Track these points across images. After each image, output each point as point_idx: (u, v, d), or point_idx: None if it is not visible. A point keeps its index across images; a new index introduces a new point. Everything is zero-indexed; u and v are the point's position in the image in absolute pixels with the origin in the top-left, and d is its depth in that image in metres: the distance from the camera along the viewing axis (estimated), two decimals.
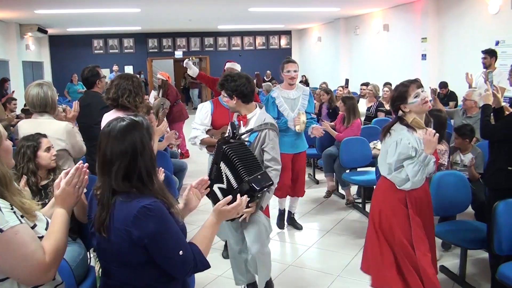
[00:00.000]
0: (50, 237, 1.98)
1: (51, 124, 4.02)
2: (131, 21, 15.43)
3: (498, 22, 9.97)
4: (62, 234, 2.02)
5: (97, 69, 5.06)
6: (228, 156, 3.30)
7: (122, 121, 2.11)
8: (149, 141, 2.14)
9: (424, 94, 3.45)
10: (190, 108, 22.55)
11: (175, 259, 2.06)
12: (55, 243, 1.96)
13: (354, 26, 16.13)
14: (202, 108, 4.74)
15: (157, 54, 20.42)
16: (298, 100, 5.41)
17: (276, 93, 5.43)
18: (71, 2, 11.02)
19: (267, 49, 21.45)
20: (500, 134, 3.91)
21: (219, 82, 3.77)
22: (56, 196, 2.12)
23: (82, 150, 4.24)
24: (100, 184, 2.11)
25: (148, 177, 2.08)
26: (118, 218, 2.01)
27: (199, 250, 2.18)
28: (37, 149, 3.47)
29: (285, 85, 5.47)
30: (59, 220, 2.06)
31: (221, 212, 2.33)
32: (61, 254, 2.00)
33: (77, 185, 2.14)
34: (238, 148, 3.39)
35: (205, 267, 2.19)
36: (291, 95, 5.40)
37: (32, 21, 14.57)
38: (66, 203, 2.12)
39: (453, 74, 11.07)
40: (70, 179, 2.12)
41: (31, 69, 16.23)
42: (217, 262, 4.77)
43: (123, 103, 3.85)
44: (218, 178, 3.38)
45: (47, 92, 4.04)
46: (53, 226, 2.03)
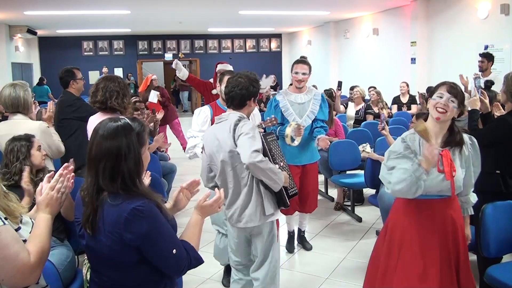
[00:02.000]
0: (34, 240, 1.97)
1: (24, 123, 4.04)
2: (121, 23, 15.39)
3: (487, 26, 10.06)
4: (45, 238, 2.01)
5: (74, 70, 5.02)
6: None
7: (114, 122, 2.11)
8: (137, 147, 2.12)
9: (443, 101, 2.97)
10: (180, 111, 22.52)
11: (170, 257, 2.07)
12: (40, 245, 1.95)
13: (344, 30, 16.19)
14: (200, 113, 4.34)
15: (147, 56, 20.36)
16: (307, 105, 4.86)
17: (281, 96, 4.92)
18: (60, 3, 10.98)
19: (258, 52, 21.48)
20: (487, 138, 3.92)
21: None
22: (39, 202, 2.11)
23: (59, 150, 4.25)
24: (86, 183, 2.10)
25: (132, 180, 2.07)
26: (108, 221, 2.00)
27: (191, 246, 2.20)
28: (30, 148, 3.48)
29: (293, 88, 4.95)
30: (42, 225, 2.05)
31: (204, 207, 2.36)
32: (45, 256, 1.99)
33: (61, 190, 2.14)
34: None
35: (199, 262, 2.22)
36: (299, 99, 4.86)
37: (22, 23, 14.50)
38: (49, 208, 2.11)
39: (442, 78, 10.87)
40: (53, 184, 2.12)
41: (20, 71, 16.12)
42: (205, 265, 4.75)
43: (112, 105, 3.86)
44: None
45: (19, 92, 4.09)
46: (37, 230, 2.03)
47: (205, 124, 4.23)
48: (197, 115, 4.32)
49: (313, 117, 4.87)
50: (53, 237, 3.07)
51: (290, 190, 3.38)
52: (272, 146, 3.35)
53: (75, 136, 4.66)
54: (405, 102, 10.22)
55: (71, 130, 4.70)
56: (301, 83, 4.82)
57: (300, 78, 4.78)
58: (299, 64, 4.84)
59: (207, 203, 2.36)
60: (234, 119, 3.20)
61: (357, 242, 5.41)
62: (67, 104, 4.80)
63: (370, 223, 5.97)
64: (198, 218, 2.35)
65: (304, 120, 4.80)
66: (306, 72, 4.80)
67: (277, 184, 3.16)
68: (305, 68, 4.80)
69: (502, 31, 9.64)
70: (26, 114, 4.13)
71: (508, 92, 3.91)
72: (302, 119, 4.80)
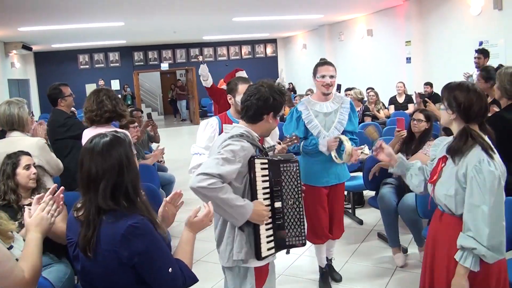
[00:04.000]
0: (27, 258, 1.98)
1: (21, 140, 4.01)
2: (116, 35, 15.41)
3: (481, 23, 10.07)
4: (36, 257, 2.01)
5: (61, 87, 4.97)
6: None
7: (105, 137, 2.09)
8: (133, 155, 2.13)
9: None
10: (178, 120, 22.54)
11: (165, 276, 2.04)
12: (31, 264, 1.95)
13: (339, 32, 16.21)
14: (206, 126, 3.69)
15: (143, 67, 20.38)
16: (334, 115, 4.11)
17: (303, 105, 4.16)
18: (54, 18, 11.00)
19: (253, 58, 21.50)
20: None
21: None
22: (29, 223, 2.10)
23: (58, 166, 4.22)
24: (82, 203, 2.08)
25: (135, 192, 2.07)
26: (104, 239, 1.97)
27: (185, 265, 2.17)
28: (16, 166, 3.45)
29: (318, 95, 4.19)
30: (32, 244, 2.05)
31: (194, 223, 2.31)
32: (38, 274, 1.99)
33: (51, 211, 2.12)
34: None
35: (193, 281, 2.18)
36: (325, 108, 4.11)
37: (17, 39, 14.51)
38: (39, 228, 2.10)
39: (437, 76, 11.16)
40: (43, 206, 2.11)
41: (17, 87, 16.12)
42: (206, 274, 4.74)
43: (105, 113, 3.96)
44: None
45: (13, 110, 4.07)
46: (27, 250, 2.02)
47: (212, 139, 3.47)
48: (203, 129, 3.70)
49: (342, 129, 4.11)
50: (50, 255, 3.08)
51: (288, 238, 2.79)
52: (286, 177, 2.77)
53: (72, 155, 4.61)
54: (401, 102, 10.22)
55: (66, 149, 4.67)
56: (329, 88, 4.07)
57: (328, 82, 4.02)
58: (324, 66, 4.11)
59: (197, 219, 2.31)
60: (234, 133, 2.75)
61: (359, 245, 5.38)
62: (59, 124, 4.76)
63: (371, 226, 5.94)
64: (190, 235, 2.31)
65: (331, 133, 4.07)
66: (334, 75, 4.08)
67: (234, 219, 2.59)
68: (331, 70, 4.07)
69: (496, 26, 9.65)
70: (22, 131, 4.12)
71: (502, 88, 3.89)
72: (329, 132, 4.07)
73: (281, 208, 2.75)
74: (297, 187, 2.82)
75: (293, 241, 2.79)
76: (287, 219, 2.78)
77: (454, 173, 2.56)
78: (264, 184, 2.70)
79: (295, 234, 2.80)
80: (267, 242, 2.68)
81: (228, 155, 2.56)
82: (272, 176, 2.73)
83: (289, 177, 2.79)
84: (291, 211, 2.79)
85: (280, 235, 2.75)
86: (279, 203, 2.74)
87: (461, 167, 2.52)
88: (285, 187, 2.77)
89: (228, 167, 2.53)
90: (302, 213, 2.84)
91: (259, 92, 2.76)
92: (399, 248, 4.81)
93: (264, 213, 2.63)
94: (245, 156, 2.62)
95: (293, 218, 2.80)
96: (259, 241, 2.65)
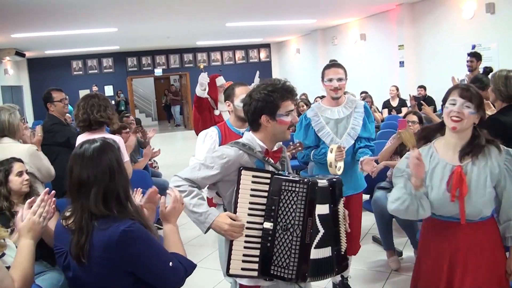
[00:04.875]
0: (18, 267, 1.96)
1: (12, 147, 3.99)
2: (109, 41, 15.39)
3: (473, 26, 10.13)
4: (28, 264, 1.99)
5: (52, 92, 4.95)
6: (322, 189, 2.50)
7: (95, 143, 2.10)
8: (123, 160, 2.14)
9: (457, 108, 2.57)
10: (172, 125, 22.53)
11: (167, 272, 2.05)
12: (23, 273, 1.94)
13: (332, 37, 16.25)
14: (205, 137, 3.48)
15: (137, 72, 20.33)
16: (347, 121, 3.84)
17: (313, 111, 3.92)
18: (47, 24, 10.98)
19: (247, 63, 21.48)
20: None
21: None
22: (21, 228, 2.09)
23: (50, 173, 4.18)
24: (71, 211, 2.06)
25: (126, 197, 2.08)
26: (98, 246, 1.96)
27: (181, 255, 2.19)
28: (8, 173, 3.43)
29: (328, 100, 3.93)
30: (25, 251, 2.03)
31: (168, 214, 2.32)
32: (29, 282, 1.97)
33: (42, 215, 2.11)
34: None
35: (193, 267, 2.21)
36: (337, 114, 3.85)
37: (9, 45, 14.45)
38: (31, 234, 2.09)
39: (430, 79, 11.22)
40: (35, 209, 2.09)
41: (10, 94, 16.06)
42: (202, 280, 4.73)
43: (96, 118, 3.93)
44: (312, 233, 2.47)
45: (3, 116, 4.05)
46: (20, 257, 2.01)
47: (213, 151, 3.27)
48: (202, 141, 3.48)
49: (356, 135, 3.84)
50: (44, 262, 3.06)
51: (274, 266, 2.47)
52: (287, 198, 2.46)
53: (58, 161, 4.52)
54: (395, 105, 10.26)
55: (52, 156, 4.56)
56: (338, 92, 3.80)
57: (336, 85, 3.76)
58: (331, 68, 3.84)
59: (168, 208, 2.32)
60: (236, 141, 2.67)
61: None
62: (46, 129, 4.72)
63: (366, 229, 5.93)
64: (170, 226, 2.33)
65: (344, 140, 3.80)
66: (343, 78, 3.80)
67: (200, 225, 2.52)
68: (340, 72, 3.80)
69: (489, 30, 9.70)
70: (13, 138, 4.09)
71: (496, 91, 3.91)
72: (341, 139, 3.81)
73: (270, 230, 2.45)
74: (298, 214, 2.43)
75: (278, 271, 2.45)
76: (277, 244, 2.46)
77: (484, 177, 2.57)
78: (254, 199, 2.48)
79: (282, 264, 2.44)
80: (243, 261, 2.47)
81: (207, 161, 2.56)
82: (271, 193, 2.47)
83: (291, 199, 2.45)
84: (284, 237, 2.45)
85: (266, 259, 2.47)
86: (269, 224, 2.46)
87: (493, 166, 2.57)
88: (282, 208, 2.45)
89: (202, 173, 2.54)
90: (300, 246, 2.43)
91: (249, 96, 2.62)
92: (393, 251, 4.82)
93: (225, 227, 2.43)
94: (224, 164, 2.52)
95: (285, 246, 2.44)
96: (230, 255, 2.48)
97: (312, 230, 2.45)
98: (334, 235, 2.55)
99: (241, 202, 2.48)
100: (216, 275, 4.68)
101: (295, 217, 2.43)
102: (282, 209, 2.45)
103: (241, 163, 2.54)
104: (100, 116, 3.99)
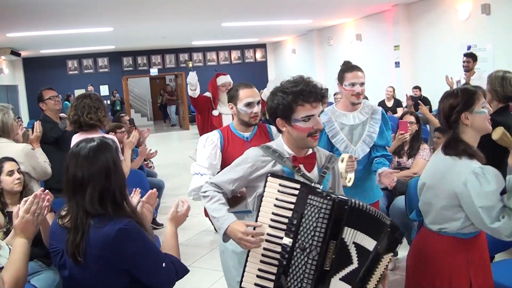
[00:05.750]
0: (10, 268, 1.95)
1: (7, 146, 3.97)
2: (105, 40, 15.36)
3: (469, 27, 10.16)
4: (21, 264, 1.98)
5: (43, 91, 4.94)
6: (358, 212, 2.17)
7: (92, 142, 2.10)
8: (119, 160, 2.14)
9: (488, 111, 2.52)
10: (168, 125, 22.49)
11: (160, 272, 2.07)
12: (15, 273, 1.93)
13: (327, 37, 16.27)
14: (206, 141, 3.20)
15: (133, 72, 20.32)
16: (363, 127, 3.56)
17: (326, 116, 3.57)
18: (43, 24, 10.94)
19: (243, 63, 21.50)
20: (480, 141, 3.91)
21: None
22: (15, 226, 2.08)
23: (45, 172, 4.17)
24: (67, 210, 2.06)
25: (121, 196, 2.08)
26: (94, 244, 1.97)
27: (175, 258, 2.21)
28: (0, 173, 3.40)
29: (344, 104, 3.63)
30: (19, 250, 2.02)
31: (177, 218, 2.40)
32: (21, 284, 1.96)
33: (36, 212, 2.10)
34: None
35: (185, 272, 2.23)
36: (352, 119, 3.56)
37: (5, 44, 14.39)
38: (25, 232, 2.08)
39: (426, 80, 11.26)
40: (28, 206, 2.08)
41: (5, 93, 16.01)
42: (198, 279, 4.73)
43: (85, 121, 3.92)
44: (341, 261, 2.17)
45: None
46: (13, 256, 2.00)
47: (215, 157, 3.12)
48: (203, 146, 3.20)
49: (372, 143, 3.56)
50: (39, 261, 3.05)
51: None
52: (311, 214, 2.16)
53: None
54: (390, 106, 10.29)
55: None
56: (360, 98, 3.54)
57: (359, 91, 3.51)
58: (353, 71, 3.59)
59: (179, 214, 2.40)
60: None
61: None
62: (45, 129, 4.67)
63: None
64: (174, 230, 2.38)
65: (359, 148, 3.53)
66: (364, 82, 3.59)
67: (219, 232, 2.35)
68: (362, 76, 3.59)
69: (484, 31, 9.73)
70: (8, 137, 4.07)
71: (492, 91, 3.94)
72: (356, 146, 3.54)
73: (288, 247, 2.17)
74: (318, 234, 2.13)
75: None
76: (292, 264, 2.17)
77: None
78: (278, 210, 2.21)
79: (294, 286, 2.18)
80: (258, 276, 2.23)
81: (233, 164, 2.48)
82: (296, 206, 2.19)
83: (313, 216, 2.15)
84: (300, 257, 2.16)
85: (280, 277, 2.20)
86: (288, 240, 2.18)
87: None
88: (304, 223, 2.16)
89: (225, 176, 2.46)
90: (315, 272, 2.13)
91: (270, 95, 2.46)
92: None
93: (238, 234, 2.21)
94: (248, 169, 2.40)
95: (300, 268, 2.16)
96: (245, 266, 2.27)
97: (340, 257, 2.15)
98: (366, 276, 2.23)
99: (264, 211, 2.25)
100: (211, 275, 4.68)
101: (314, 236, 2.13)
102: (303, 225, 2.16)
103: (267, 168, 2.38)
104: (90, 118, 3.96)
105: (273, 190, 2.23)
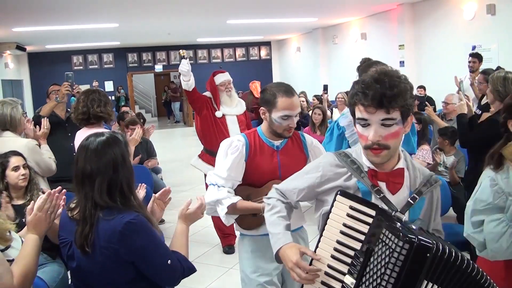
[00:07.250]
0: (20, 262, 1.98)
1: (12, 141, 3.99)
2: (110, 36, 15.39)
3: (474, 27, 10.14)
4: (32, 259, 2.01)
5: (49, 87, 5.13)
6: (445, 263, 1.59)
7: (101, 136, 2.13)
8: (128, 155, 2.17)
9: None
10: (172, 122, 22.51)
11: (165, 269, 2.08)
12: (24, 268, 1.95)
13: (332, 36, 16.26)
14: (229, 147, 2.73)
15: (137, 68, 20.34)
16: None
17: (347, 119, 3.36)
18: (48, 19, 10.98)
19: (248, 61, 21.49)
20: (481, 140, 3.91)
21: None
22: (28, 222, 2.11)
23: (50, 168, 4.18)
24: (76, 202, 2.09)
25: (129, 189, 2.11)
26: (102, 236, 2.00)
27: (182, 256, 2.22)
28: (4, 168, 3.41)
29: None
30: (29, 246, 2.05)
31: (188, 216, 2.37)
32: (30, 278, 1.99)
33: (49, 210, 2.13)
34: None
35: (191, 271, 2.23)
36: None
37: (10, 39, 14.43)
38: (37, 229, 2.11)
39: (430, 79, 11.24)
40: (41, 204, 2.12)
41: (10, 88, 16.06)
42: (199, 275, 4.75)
43: (95, 112, 3.96)
44: None
45: (6, 110, 4.07)
46: (24, 251, 2.03)
47: (238, 167, 2.69)
48: (225, 153, 2.73)
49: None
50: (45, 254, 3.07)
51: None
52: (382, 252, 1.62)
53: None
54: None
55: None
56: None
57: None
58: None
59: (190, 211, 2.37)
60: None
61: None
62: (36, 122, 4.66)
63: None
64: (184, 227, 2.36)
65: None
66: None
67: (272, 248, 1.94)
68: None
69: (489, 31, 9.71)
70: (15, 132, 4.10)
71: (494, 91, 3.94)
72: None
73: None
74: (385, 285, 1.58)
75: None
76: None
77: None
78: (344, 239, 1.76)
79: None
80: None
81: (304, 169, 2.08)
82: (367, 238, 1.70)
83: (384, 260, 1.60)
84: None
85: None
86: (351, 281, 1.69)
87: None
88: (372, 263, 1.64)
89: (292, 184, 2.06)
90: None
91: None
92: None
93: (289, 264, 1.79)
94: (316, 179, 1.97)
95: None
96: None
97: None
98: None
99: (327, 237, 1.80)
100: (213, 270, 4.71)
101: (381, 283, 1.59)
102: (371, 265, 1.64)
103: (339, 182, 1.91)
104: (100, 111, 4.03)
105: (341, 213, 1.77)
